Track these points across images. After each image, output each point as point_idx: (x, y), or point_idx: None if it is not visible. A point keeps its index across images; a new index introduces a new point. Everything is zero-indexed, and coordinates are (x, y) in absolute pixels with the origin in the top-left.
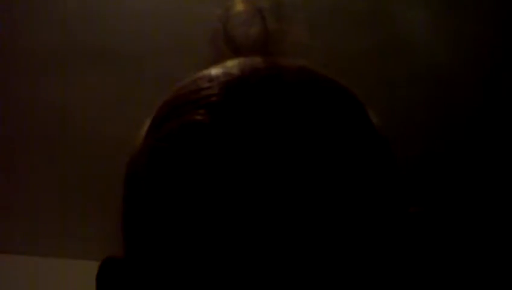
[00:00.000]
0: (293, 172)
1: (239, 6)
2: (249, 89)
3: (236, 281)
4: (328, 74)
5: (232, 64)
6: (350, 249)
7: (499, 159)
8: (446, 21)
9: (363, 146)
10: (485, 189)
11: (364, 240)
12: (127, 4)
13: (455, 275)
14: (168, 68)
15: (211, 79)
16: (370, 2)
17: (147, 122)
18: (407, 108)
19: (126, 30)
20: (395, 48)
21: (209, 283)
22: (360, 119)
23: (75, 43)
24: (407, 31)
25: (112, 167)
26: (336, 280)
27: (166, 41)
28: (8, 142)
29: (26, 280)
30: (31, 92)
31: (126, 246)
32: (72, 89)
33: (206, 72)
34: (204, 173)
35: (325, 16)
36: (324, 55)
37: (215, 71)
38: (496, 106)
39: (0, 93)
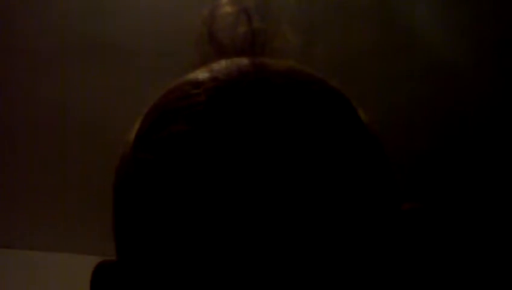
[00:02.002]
0: (283, 175)
1: (225, 7)
2: (237, 95)
3: (225, 282)
4: (316, 73)
5: (219, 68)
6: (343, 247)
7: (500, 156)
8: (450, 17)
9: (352, 145)
10: (485, 186)
11: (356, 238)
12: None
13: (449, 272)
14: (169, 64)
15: (197, 85)
16: None
17: (135, 127)
18: (411, 104)
19: (126, 26)
20: (398, 43)
21: (197, 285)
22: (348, 119)
23: (74, 38)
24: (411, 27)
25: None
26: (329, 278)
27: (167, 37)
28: (8, 137)
29: (25, 274)
30: (30, 89)
31: (118, 251)
32: (72, 85)
33: (192, 76)
34: (190, 186)
35: (329, 12)
36: (328, 52)
37: (201, 76)
38: (500, 103)
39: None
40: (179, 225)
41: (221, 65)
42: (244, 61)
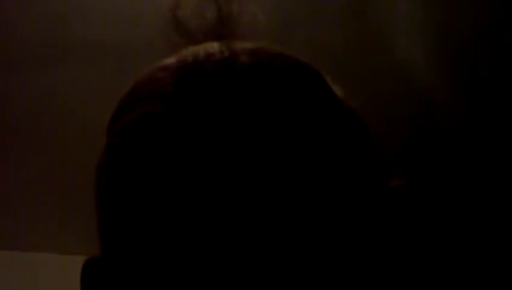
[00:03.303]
0: (255, 157)
1: None
2: (203, 75)
3: (210, 274)
4: (286, 51)
5: (186, 53)
6: (327, 227)
7: (468, 140)
8: (427, 15)
9: (326, 121)
10: (473, 170)
11: (336, 217)
12: None
13: (435, 252)
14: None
15: (164, 68)
16: None
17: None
18: (387, 101)
19: (107, 21)
20: (375, 40)
21: (176, 277)
22: (321, 94)
23: (56, 35)
24: (389, 24)
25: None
26: (315, 261)
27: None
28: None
29: (22, 275)
30: (16, 87)
31: (102, 245)
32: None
33: (160, 62)
34: (161, 167)
35: (306, 8)
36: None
37: (168, 60)
38: (476, 101)
39: None
40: (152, 211)
41: (188, 50)
42: (211, 44)
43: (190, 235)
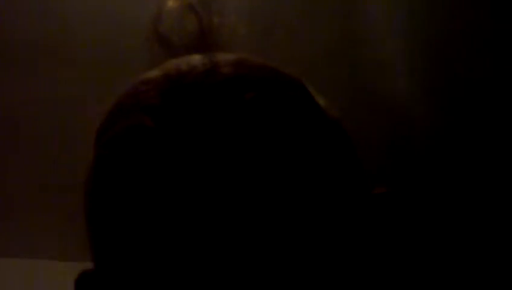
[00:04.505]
0: (240, 168)
1: (170, 4)
2: (187, 87)
3: (200, 283)
4: (267, 63)
5: (169, 65)
6: (312, 234)
7: (474, 145)
8: (409, 14)
9: (311, 131)
10: (461, 173)
11: (323, 223)
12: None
13: (418, 257)
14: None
15: (148, 82)
16: None
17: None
18: (375, 98)
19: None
20: (363, 36)
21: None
22: (305, 104)
23: (27, 40)
24: (376, 20)
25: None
26: (299, 266)
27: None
28: None
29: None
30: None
31: (93, 257)
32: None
33: (143, 75)
34: (150, 177)
35: (295, 6)
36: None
37: (151, 74)
38: (455, 105)
39: None
40: (143, 222)
41: (171, 63)
42: (194, 56)
43: (179, 247)
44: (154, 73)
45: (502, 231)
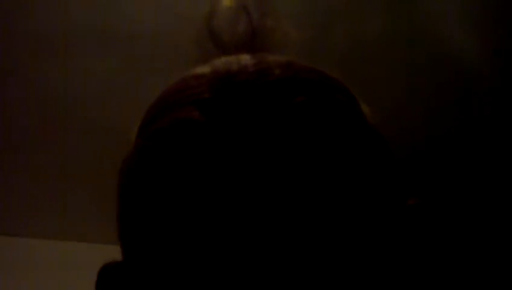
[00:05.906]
0: (287, 170)
1: (224, 3)
2: (238, 85)
3: (233, 280)
4: (317, 67)
5: (219, 62)
6: (346, 246)
7: (502, 153)
8: (469, 11)
9: (354, 140)
10: (485, 182)
11: (359, 235)
12: None
13: (452, 269)
14: (166, 50)
15: (198, 77)
16: None
17: (137, 125)
18: (425, 95)
19: (125, 11)
20: (414, 34)
21: (204, 283)
22: (350, 114)
23: (74, 24)
24: (428, 17)
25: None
26: (332, 276)
27: (165, 23)
28: (7, 124)
29: (23, 262)
30: (30, 75)
31: (123, 249)
32: (72, 71)
33: (193, 71)
34: (196, 171)
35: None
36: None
37: (202, 70)
38: (502, 102)
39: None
40: (179, 219)
41: (221, 60)
42: (244, 56)
43: (219, 244)
44: (204, 69)
45: None
